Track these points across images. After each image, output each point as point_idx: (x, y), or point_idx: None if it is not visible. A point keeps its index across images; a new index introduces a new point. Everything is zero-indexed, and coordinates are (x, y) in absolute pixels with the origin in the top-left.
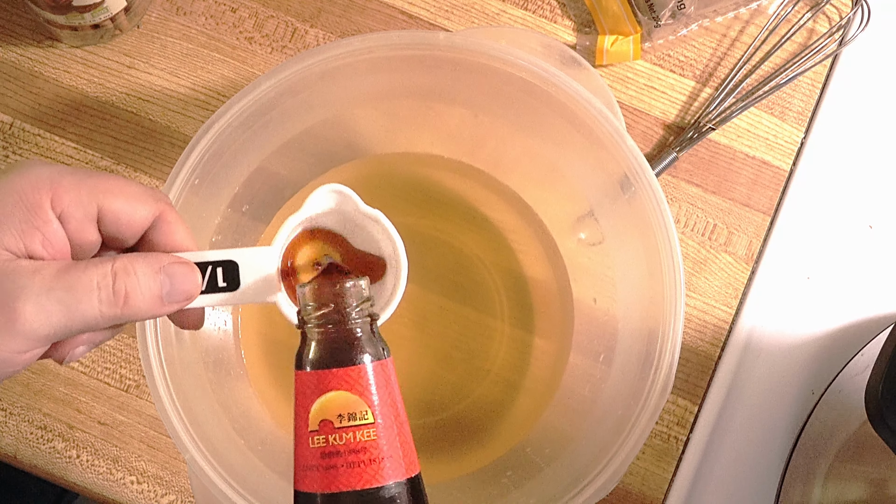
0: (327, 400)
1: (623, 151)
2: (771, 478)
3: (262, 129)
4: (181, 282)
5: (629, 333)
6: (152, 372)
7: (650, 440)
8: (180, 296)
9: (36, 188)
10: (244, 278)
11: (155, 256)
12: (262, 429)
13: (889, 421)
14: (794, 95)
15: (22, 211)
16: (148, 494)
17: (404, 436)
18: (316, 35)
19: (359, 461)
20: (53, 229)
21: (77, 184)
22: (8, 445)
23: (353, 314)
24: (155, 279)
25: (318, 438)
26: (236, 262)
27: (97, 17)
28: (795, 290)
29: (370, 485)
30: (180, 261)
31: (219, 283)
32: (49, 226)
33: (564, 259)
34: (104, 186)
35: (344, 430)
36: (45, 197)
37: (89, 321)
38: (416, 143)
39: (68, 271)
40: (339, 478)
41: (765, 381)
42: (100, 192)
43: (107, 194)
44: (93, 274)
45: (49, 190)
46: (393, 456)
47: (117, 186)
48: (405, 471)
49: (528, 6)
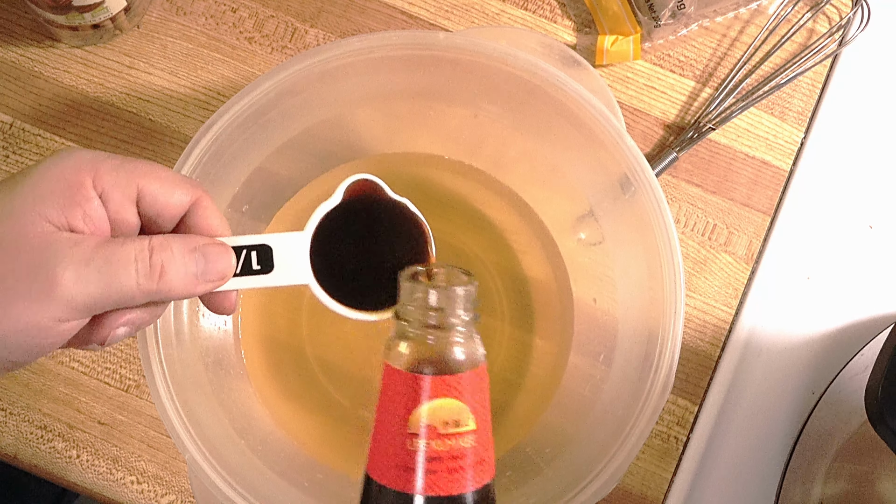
0: (434, 407)
1: (623, 151)
2: (771, 478)
3: (262, 129)
4: (215, 261)
5: (629, 333)
6: (152, 372)
7: (650, 440)
8: (214, 275)
9: (78, 169)
10: (277, 262)
11: (191, 237)
12: (262, 429)
13: (889, 421)
14: (794, 95)
15: (64, 187)
16: (148, 494)
17: (490, 437)
18: (316, 35)
19: (459, 467)
20: (94, 206)
21: (117, 167)
22: (8, 445)
23: (467, 319)
24: (191, 257)
25: (419, 442)
26: (270, 246)
27: (97, 17)
28: (795, 290)
29: (468, 489)
30: (215, 242)
31: (253, 266)
32: (90, 203)
33: (564, 259)
34: (144, 170)
35: (448, 436)
36: (87, 177)
37: (126, 294)
38: (416, 143)
39: (107, 245)
40: (440, 482)
41: (765, 381)
42: (139, 175)
43: (146, 177)
44: (130, 248)
45: (91, 171)
46: (486, 459)
47: (155, 171)
48: (493, 471)
49: (528, 6)
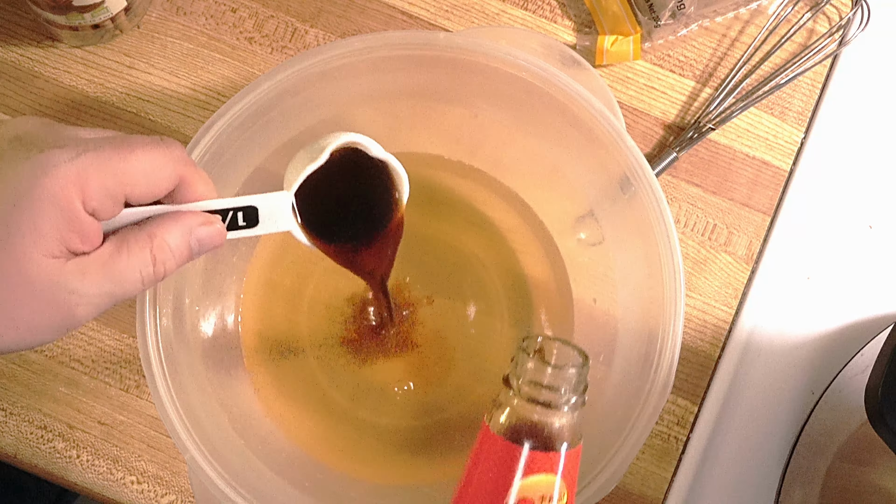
0: (534, 481)
1: (623, 151)
2: (771, 478)
3: (262, 129)
4: (208, 239)
5: (629, 333)
6: (152, 372)
7: (650, 440)
8: (207, 248)
9: (65, 189)
10: (262, 218)
11: (184, 221)
12: (262, 429)
13: (889, 421)
14: (794, 95)
15: (57, 216)
16: (148, 494)
17: None
18: (316, 35)
19: None
20: (88, 224)
21: (102, 175)
22: (8, 445)
23: (578, 401)
24: (185, 243)
25: None
26: (256, 206)
27: (97, 17)
28: (795, 290)
29: None
30: (206, 221)
31: (239, 223)
32: (84, 224)
33: (564, 259)
34: (128, 171)
35: None
36: (76, 198)
37: (131, 294)
38: (416, 143)
39: (113, 264)
40: None
41: (765, 381)
42: (125, 179)
43: (131, 177)
44: (136, 264)
45: (79, 190)
46: None
47: (140, 166)
48: None
49: (528, 6)
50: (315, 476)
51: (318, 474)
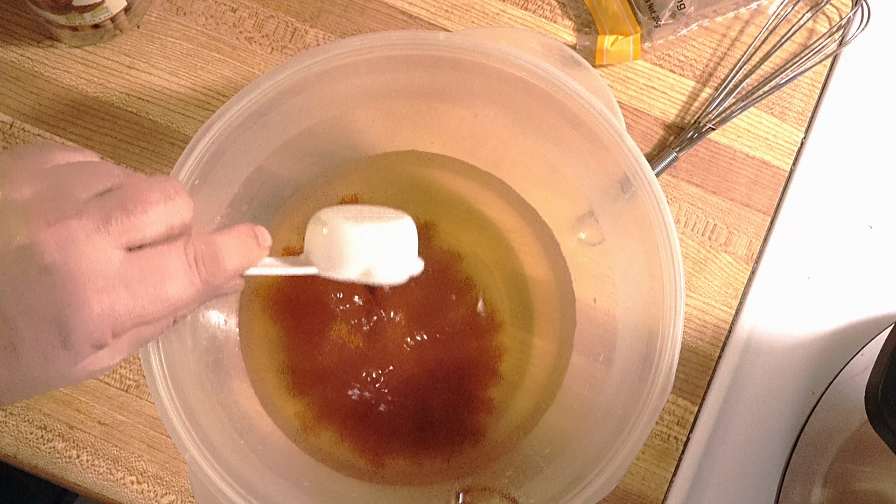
0: None
1: (623, 151)
2: (771, 478)
3: (262, 129)
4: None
5: (629, 333)
6: (152, 372)
7: (650, 440)
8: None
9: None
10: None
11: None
12: (262, 429)
13: (889, 421)
14: (794, 95)
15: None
16: (148, 494)
17: None
18: (316, 35)
19: None
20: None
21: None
22: (8, 445)
23: None
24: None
25: None
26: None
27: (97, 17)
28: (795, 290)
29: None
30: (239, 278)
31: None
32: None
33: (565, 259)
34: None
35: None
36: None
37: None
38: (416, 143)
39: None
40: None
41: (765, 381)
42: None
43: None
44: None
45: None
46: None
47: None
48: None
49: (528, 6)
50: (315, 476)
51: (319, 474)
